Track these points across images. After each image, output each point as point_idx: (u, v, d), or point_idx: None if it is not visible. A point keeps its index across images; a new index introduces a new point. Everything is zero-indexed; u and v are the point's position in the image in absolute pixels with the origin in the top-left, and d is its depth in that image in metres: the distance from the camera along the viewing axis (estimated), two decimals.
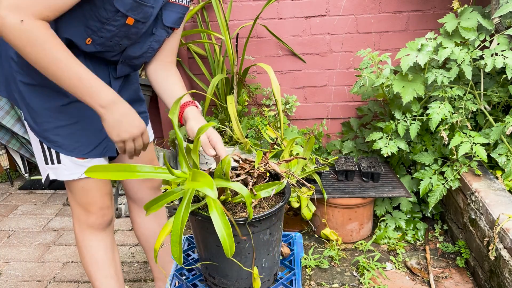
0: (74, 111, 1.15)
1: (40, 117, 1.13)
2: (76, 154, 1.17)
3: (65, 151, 1.17)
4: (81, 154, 1.18)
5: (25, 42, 0.90)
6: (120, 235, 2.29)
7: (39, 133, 1.16)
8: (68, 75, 0.95)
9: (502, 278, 1.51)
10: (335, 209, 2.05)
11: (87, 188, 1.23)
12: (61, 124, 1.14)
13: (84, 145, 1.18)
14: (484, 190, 1.75)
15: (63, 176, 1.20)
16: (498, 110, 2.03)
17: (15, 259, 2.12)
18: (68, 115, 1.15)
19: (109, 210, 1.31)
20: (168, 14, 1.15)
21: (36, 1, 0.89)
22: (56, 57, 0.93)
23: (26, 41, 0.90)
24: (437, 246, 2.05)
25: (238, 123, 2.13)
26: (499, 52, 1.77)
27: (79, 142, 1.17)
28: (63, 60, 0.94)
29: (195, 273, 1.20)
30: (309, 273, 1.89)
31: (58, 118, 1.14)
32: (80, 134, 1.17)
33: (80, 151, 1.18)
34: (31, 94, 1.11)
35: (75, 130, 1.16)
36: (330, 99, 2.62)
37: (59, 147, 1.16)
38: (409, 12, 2.38)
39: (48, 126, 1.14)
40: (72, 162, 1.18)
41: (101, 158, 1.23)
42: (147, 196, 1.48)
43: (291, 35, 2.49)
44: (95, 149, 1.20)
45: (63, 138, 1.16)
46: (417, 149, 2.09)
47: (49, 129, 1.14)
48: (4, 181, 3.03)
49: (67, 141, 1.16)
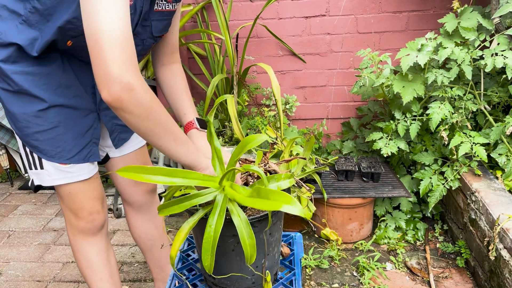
0: (53, 115, 1.11)
1: (19, 122, 1.10)
2: (57, 160, 1.14)
3: (46, 157, 1.14)
4: (63, 160, 1.15)
5: (152, 102, 0.85)
6: (120, 235, 2.29)
7: (21, 138, 1.14)
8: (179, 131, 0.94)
9: (502, 278, 1.51)
10: (335, 209, 2.05)
11: (73, 193, 1.21)
12: (40, 129, 1.11)
13: (66, 150, 1.15)
14: (484, 190, 1.75)
15: (46, 181, 1.18)
16: (498, 110, 2.03)
17: (15, 259, 2.12)
18: (48, 120, 1.11)
19: (99, 215, 1.28)
20: (156, 24, 1.12)
21: (131, 50, 0.82)
22: (168, 116, 0.91)
23: (153, 100, 0.85)
24: (437, 246, 2.05)
25: (238, 123, 2.13)
26: (499, 52, 1.77)
27: (60, 147, 1.14)
28: (173, 122, 0.92)
29: (195, 273, 1.20)
30: (309, 273, 1.89)
31: (37, 123, 1.10)
32: (60, 139, 1.14)
33: (61, 156, 1.15)
34: (8, 99, 1.09)
35: (55, 135, 1.13)
36: (330, 99, 2.62)
37: (40, 152, 1.14)
38: (409, 12, 2.38)
39: (28, 131, 1.11)
40: (55, 167, 1.16)
41: (86, 164, 1.20)
42: (142, 199, 1.46)
43: (291, 35, 2.49)
44: (77, 154, 1.17)
45: (43, 144, 1.13)
46: (417, 149, 2.09)
47: (29, 134, 1.12)
48: (4, 181, 3.03)
49: (47, 147, 1.13)
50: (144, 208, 1.49)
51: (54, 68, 1.10)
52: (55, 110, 1.11)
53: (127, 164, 1.36)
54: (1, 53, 1.04)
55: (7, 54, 1.04)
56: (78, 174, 1.19)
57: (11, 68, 1.05)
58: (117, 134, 1.31)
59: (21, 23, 1.03)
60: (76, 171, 1.18)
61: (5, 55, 1.04)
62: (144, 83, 0.84)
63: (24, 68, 1.06)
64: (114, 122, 1.28)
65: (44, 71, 1.08)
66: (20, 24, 1.03)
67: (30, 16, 1.02)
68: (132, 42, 0.82)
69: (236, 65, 2.32)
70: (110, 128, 1.28)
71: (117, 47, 0.78)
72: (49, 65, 1.09)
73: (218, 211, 0.86)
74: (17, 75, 1.05)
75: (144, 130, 0.87)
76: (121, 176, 0.83)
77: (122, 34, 0.80)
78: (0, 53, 1.04)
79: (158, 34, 1.15)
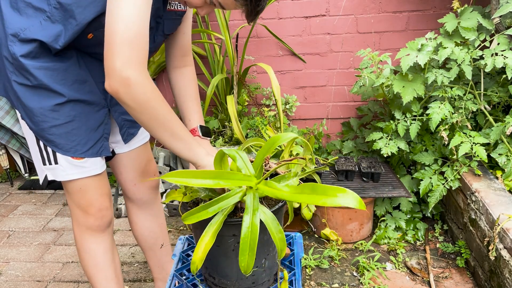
0: (69, 110, 1.14)
1: (36, 116, 1.13)
2: (73, 154, 1.17)
3: (61, 151, 1.16)
4: (78, 154, 1.17)
5: (150, 98, 0.93)
6: (120, 235, 2.29)
7: (37, 132, 1.15)
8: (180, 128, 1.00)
9: (502, 278, 1.51)
10: (335, 209, 2.05)
11: (84, 189, 1.23)
12: (57, 123, 1.14)
13: (80, 144, 1.18)
14: (484, 190, 1.75)
15: (61, 176, 1.19)
16: (498, 110, 2.03)
17: (15, 259, 2.12)
18: (64, 114, 1.14)
19: (108, 211, 1.30)
20: (168, 23, 1.17)
21: (139, 49, 0.90)
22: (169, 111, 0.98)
23: (151, 96, 0.93)
24: (437, 246, 2.05)
25: (238, 123, 2.13)
26: (499, 52, 1.77)
27: (75, 141, 1.17)
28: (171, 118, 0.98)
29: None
30: (309, 273, 1.89)
31: (54, 118, 1.13)
32: (76, 133, 1.17)
33: (76, 150, 1.17)
34: (25, 94, 1.11)
35: (71, 129, 1.16)
36: (330, 99, 2.62)
37: (56, 146, 1.16)
38: (409, 12, 2.38)
39: (44, 125, 1.13)
40: (68, 162, 1.18)
41: (98, 158, 1.22)
42: (145, 196, 1.47)
43: (291, 35, 2.49)
44: (91, 148, 1.20)
45: (59, 137, 1.15)
46: (417, 149, 2.09)
47: (45, 128, 1.14)
48: (4, 181, 3.03)
49: (63, 140, 1.16)
50: (146, 205, 1.50)
51: (71, 64, 1.13)
52: (71, 104, 1.14)
53: (133, 159, 1.40)
54: (23, 48, 1.06)
55: (28, 49, 1.06)
56: (92, 168, 1.21)
57: (32, 63, 1.07)
58: (126, 129, 1.34)
59: (45, 19, 1.05)
60: (89, 165, 1.20)
61: (27, 51, 1.06)
62: (146, 81, 0.91)
63: (44, 64, 1.09)
64: (123, 118, 1.32)
65: (62, 67, 1.11)
66: (44, 20, 1.05)
67: (55, 12, 1.04)
68: (144, 43, 0.91)
69: (236, 65, 2.32)
70: (119, 123, 1.32)
71: (126, 45, 0.88)
72: (66, 61, 1.12)
73: (251, 211, 0.86)
74: (38, 70, 1.08)
75: (140, 122, 0.96)
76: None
77: (135, 34, 0.89)
78: (22, 49, 1.06)
79: (168, 32, 1.20)
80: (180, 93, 1.30)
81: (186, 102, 1.30)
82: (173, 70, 1.31)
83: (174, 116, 0.99)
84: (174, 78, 1.31)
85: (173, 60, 1.30)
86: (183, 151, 1.02)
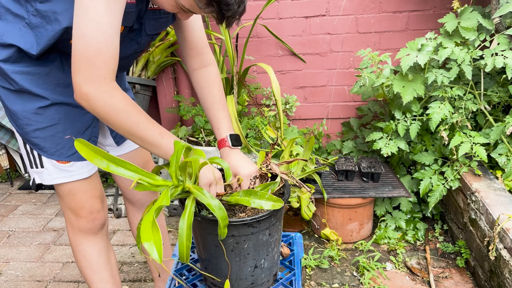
0: (54, 112, 1.13)
1: (19, 119, 1.12)
2: (57, 157, 1.15)
3: (46, 154, 1.15)
4: (63, 157, 1.16)
5: (110, 111, 0.93)
6: (120, 235, 2.29)
7: (22, 135, 1.15)
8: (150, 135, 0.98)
9: (502, 278, 1.51)
10: (335, 209, 2.05)
11: (74, 192, 1.21)
12: (41, 126, 1.12)
13: (65, 148, 1.16)
14: (484, 190, 1.75)
15: (47, 180, 1.19)
16: (498, 110, 2.03)
17: (15, 259, 2.12)
18: (48, 117, 1.13)
19: (99, 213, 1.28)
20: (150, 22, 1.12)
21: (99, 65, 0.90)
22: (138, 120, 0.96)
23: (110, 110, 0.93)
24: (437, 246, 2.04)
25: (238, 123, 2.13)
26: (499, 52, 1.77)
27: (60, 144, 1.16)
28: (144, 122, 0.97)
29: (195, 273, 1.20)
30: (309, 273, 1.89)
31: (37, 121, 1.12)
32: (61, 136, 1.15)
33: (61, 154, 1.16)
34: (8, 97, 1.10)
35: (55, 133, 1.14)
36: (330, 99, 2.62)
37: (41, 149, 1.15)
38: (409, 12, 2.37)
39: (28, 128, 1.12)
40: (54, 166, 1.17)
41: (85, 162, 1.20)
42: (145, 197, 1.47)
43: (291, 35, 2.49)
44: (77, 151, 1.16)
45: (43, 141, 1.14)
46: (417, 149, 2.09)
47: (30, 131, 1.13)
48: (4, 181, 3.03)
49: (47, 144, 1.14)
50: (146, 206, 1.49)
51: (53, 67, 1.11)
52: (56, 107, 1.13)
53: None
54: (2, 53, 1.06)
55: (7, 54, 1.06)
56: (78, 172, 1.19)
57: (11, 68, 1.06)
58: (117, 132, 1.31)
59: (24, 26, 1.04)
60: (76, 169, 1.19)
61: (6, 56, 1.06)
62: (105, 95, 0.91)
63: (24, 68, 1.07)
64: None
65: (43, 71, 1.09)
66: (23, 27, 1.04)
67: (33, 19, 1.03)
68: (108, 56, 0.91)
69: (236, 65, 2.32)
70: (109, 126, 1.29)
71: (84, 62, 0.89)
72: (49, 64, 1.10)
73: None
74: (17, 74, 1.07)
75: (112, 127, 0.97)
76: None
77: (94, 51, 0.89)
78: (1, 53, 1.06)
79: (152, 32, 1.15)
80: (203, 98, 1.23)
81: (212, 109, 1.22)
82: (193, 73, 1.24)
83: (142, 123, 0.96)
84: (195, 81, 1.24)
85: (191, 62, 1.24)
86: (161, 155, 1.00)
